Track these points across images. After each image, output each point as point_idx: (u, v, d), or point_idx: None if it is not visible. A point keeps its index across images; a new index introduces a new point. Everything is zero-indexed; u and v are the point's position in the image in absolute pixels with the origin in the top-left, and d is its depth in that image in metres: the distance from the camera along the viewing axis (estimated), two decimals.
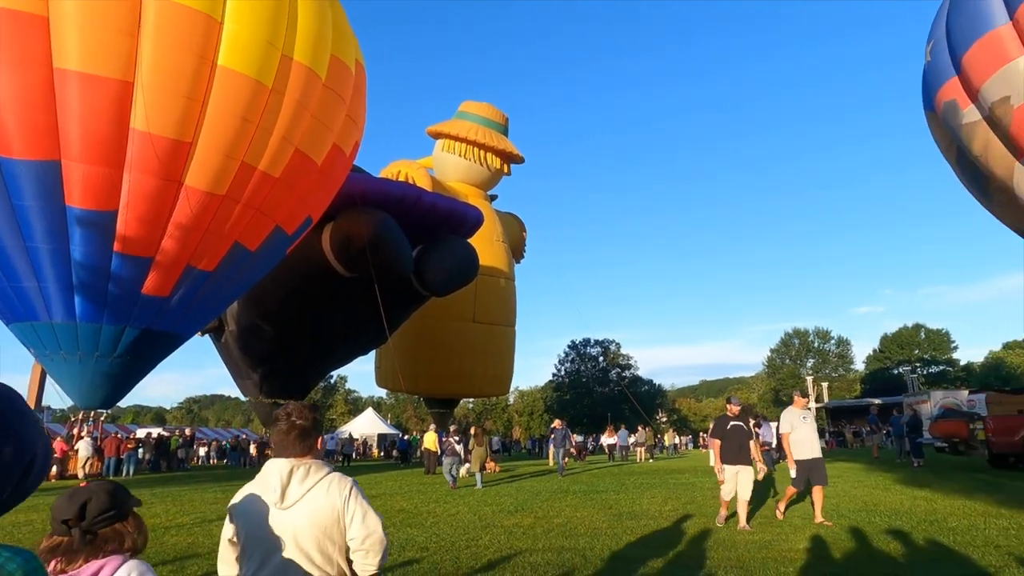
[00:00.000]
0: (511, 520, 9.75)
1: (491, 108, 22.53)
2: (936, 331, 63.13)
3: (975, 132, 15.25)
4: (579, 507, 11.14)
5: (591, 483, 16.23)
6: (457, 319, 20.01)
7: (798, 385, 58.10)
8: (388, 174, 18.99)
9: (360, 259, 11.26)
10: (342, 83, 7.32)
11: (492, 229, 21.34)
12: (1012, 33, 13.84)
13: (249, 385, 14.96)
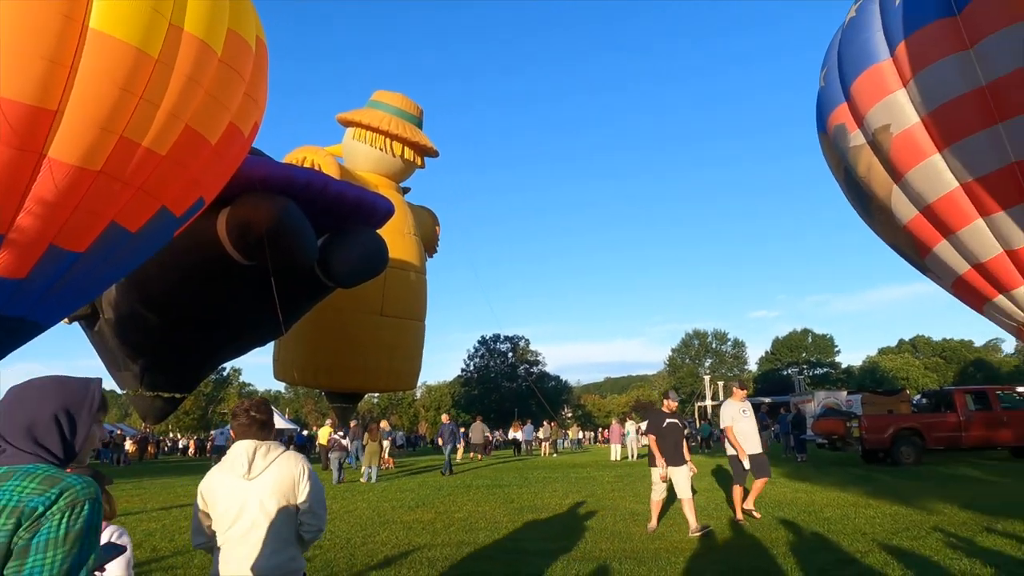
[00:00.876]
0: (411, 516, 9.69)
1: (405, 99, 22.11)
2: (822, 336, 68.50)
3: (860, 155, 16.84)
4: (481, 502, 11.22)
5: (495, 477, 16.40)
6: (364, 312, 19.52)
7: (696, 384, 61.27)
8: (293, 160, 18.19)
9: (259, 246, 10.72)
10: (240, 59, 6.91)
11: (404, 221, 20.98)
12: (892, 68, 15.44)
13: (128, 377, 13.89)
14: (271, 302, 11.03)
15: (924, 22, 14.49)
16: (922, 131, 15.21)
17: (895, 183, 16.44)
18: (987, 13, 13.49)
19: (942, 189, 15.57)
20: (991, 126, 14.04)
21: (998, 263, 15.83)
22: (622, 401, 79.92)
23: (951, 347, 69.48)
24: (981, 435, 15.95)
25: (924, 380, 59.96)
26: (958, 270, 16.87)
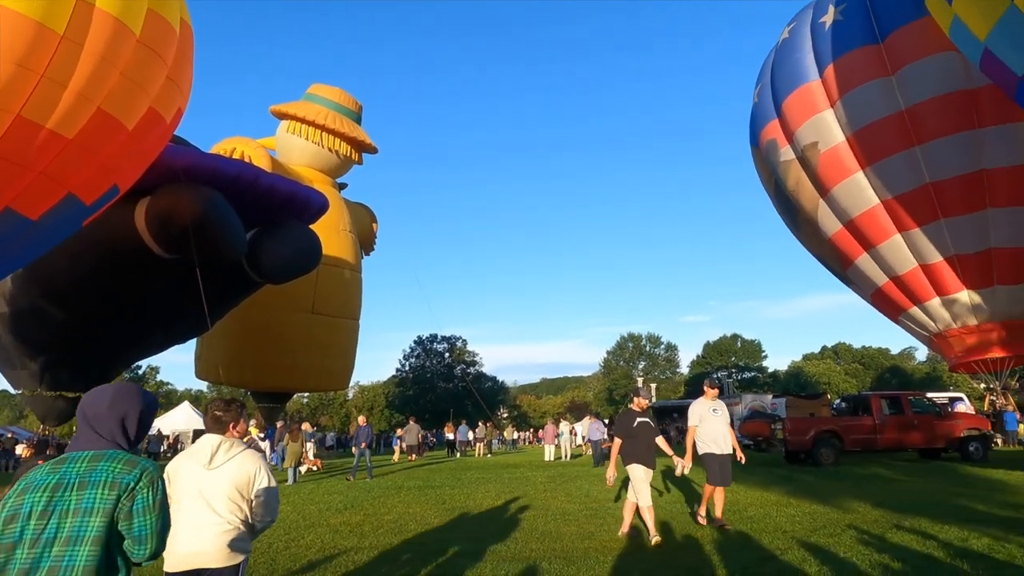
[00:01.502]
0: (338, 518, 9.50)
1: (344, 94, 21.65)
2: (751, 341, 71.37)
3: (790, 169, 17.86)
4: (412, 503, 11.13)
5: (427, 479, 16.30)
6: (294, 309, 18.98)
7: (629, 386, 62.68)
8: (221, 151, 17.46)
9: (182, 239, 10.23)
10: (162, 41, 6.56)
11: (339, 217, 20.54)
12: (821, 89, 16.50)
13: (23, 376, 12.92)
14: (193, 297, 10.56)
15: (850, 47, 15.49)
16: (847, 150, 16.22)
17: (821, 197, 17.46)
18: (908, 43, 14.52)
19: (864, 205, 16.59)
20: (909, 148, 15.11)
21: (913, 276, 16.99)
22: (557, 402, 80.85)
23: (869, 354, 73.80)
24: (894, 437, 16.96)
25: (844, 385, 63.35)
26: (877, 282, 18.00)
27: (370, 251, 23.53)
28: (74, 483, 1.97)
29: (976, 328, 16.82)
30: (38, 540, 1.88)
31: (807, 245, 20.44)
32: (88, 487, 1.97)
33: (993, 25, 10.31)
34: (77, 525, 1.91)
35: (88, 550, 1.89)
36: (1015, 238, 15.13)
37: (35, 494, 1.95)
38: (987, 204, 14.85)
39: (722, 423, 8.12)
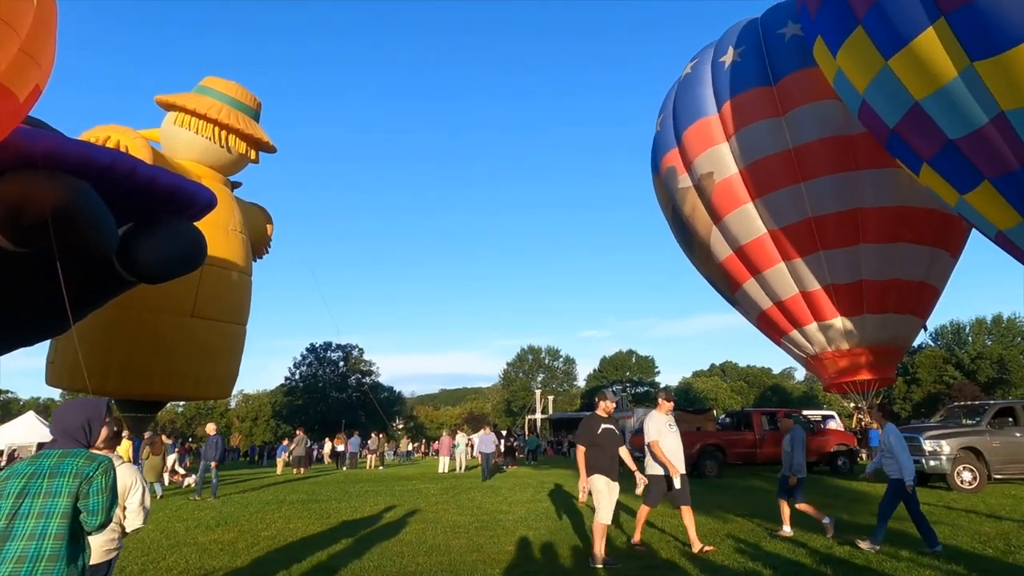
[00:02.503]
0: (208, 536, 9.03)
1: (241, 89, 20.69)
2: (645, 357, 74.68)
3: (686, 196, 19.21)
4: (293, 518, 10.76)
5: (312, 492, 15.78)
6: (171, 312, 17.82)
7: (528, 398, 63.62)
8: (92, 138, 16.10)
9: (36, 231, 9.28)
10: (13, 10, 6.02)
11: (228, 217, 19.57)
12: (718, 123, 17.96)
13: None
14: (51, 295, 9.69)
15: (746, 87, 16.95)
16: (739, 181, 17.64)
17: (714, 224, 18.84)
18: (797, 88, 16.10)
19: (753, 234, 18.00)
20: (795, 184, 16.63)
21: (794, 302, 18.52)
22: (455, 413, 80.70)
23: (753, 373, 79.20)
24: (773, 451, 18.27)
25: (730, 401, 67.58)
26: (762, 305, 19.47)
27: (263, 254, 22.60)
28: (46, 473, 2.73)
29: (847, 352, 18.54)
30: (15, 515, 2.62)
31: (700, 268, 21.85)
32: (57, 476, 2.72)
33: (870, 80, 11.59)
34: (49, 504, 2.66)
35: (57, 522, 2.64)
36: (882, 272, 16.91)
37: (15, 480, 2.71)
38: (860, 240, 16.53)
39: (677, 439, 7.74)
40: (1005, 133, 10.01)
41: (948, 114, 10.57)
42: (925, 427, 13.88)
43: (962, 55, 9.78)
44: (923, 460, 12.79)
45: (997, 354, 53.83)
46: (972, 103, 10.09)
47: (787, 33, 16.40)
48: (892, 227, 16.44)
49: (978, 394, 48.33)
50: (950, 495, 11.87)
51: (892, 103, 11.46)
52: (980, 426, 13.19)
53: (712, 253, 19.64)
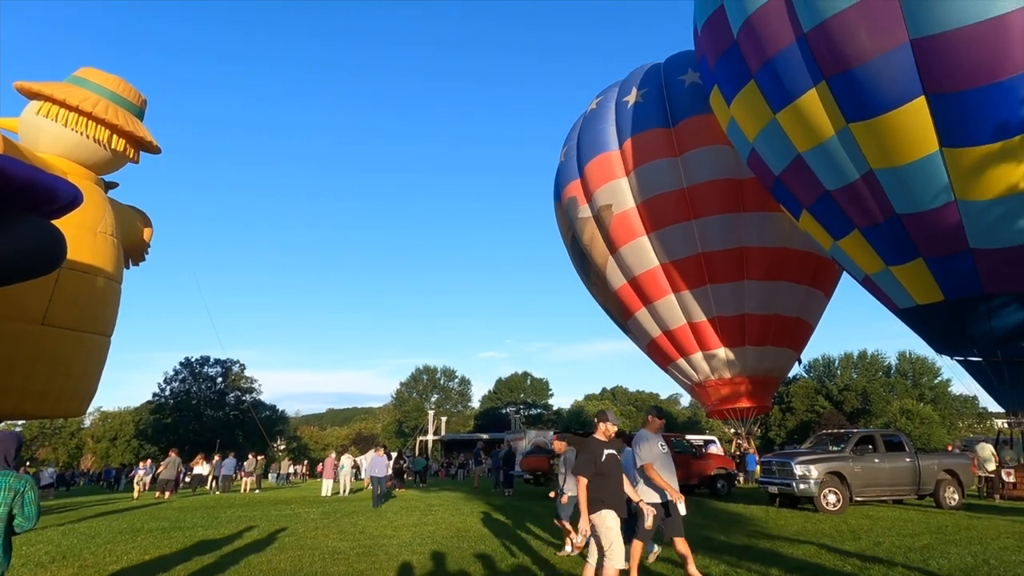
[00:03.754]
0: (38, 574, 8.20)
1: (124, 83, 19.23)
2: (539, 380, 76.02)
3: (586, 226, 20.24)
4: (151, 548, 9.99)
5: (176, 519, 14.66)
6: (17, 319, 16.16)
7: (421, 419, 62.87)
8: None
9: None
10: None
11: (97, 218, 18.05)
12: (619, 158, 19.20)
13: None
14: None
15: (647, 127, 18.15)
16: (636, 215, 18.72)
17: (611, 254, 19.88)
18: (694, 132, 17.42)
19: (646, 265, 19.09)
20: (687, 221, 17.87)
21: (682, 332, 19.66)
22: (343, 433, 78.25)
23: (642, 398, 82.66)
24: None
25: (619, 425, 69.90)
26: (652, 334, 20.53)
27: (140, 260, 21.01)
28: None
29: (729, 380, 19.85)
30: None
31: (596, 295, 22.80)
32: None
33: (759, 131, 12.72)
34: None
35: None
36: (763, 307, 18.33)
37: None
38: (744, 276, 17.92)
39: (669, 462, 7.11)
40: (873, 189, 11.26)
41: (826, 167, 11.76)
42: (796, 453, 15.01)
43: (839, 116, 10.95)
44: (794, 484, 13.80)
45: (861, 386, 59.29)
46: (846, 160, 11.29)
47: (687, 80, 17.76)
48: (774, 266, 17.94)
49: (844, 423, 52.85)
50: (817, 516, 12.88)
51: (778, 153, 12.62)
52: (844, 452, 14.41)
53: (608, 281, 20.60)
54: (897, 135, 10.43)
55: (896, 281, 12.46)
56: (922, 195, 10.76)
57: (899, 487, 14.34)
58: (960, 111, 9.72)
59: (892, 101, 10.19)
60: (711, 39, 13.30)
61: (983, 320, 11.63)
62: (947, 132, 10.03)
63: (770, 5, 11.20)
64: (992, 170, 9.93)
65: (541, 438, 32.48)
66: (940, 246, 11.20)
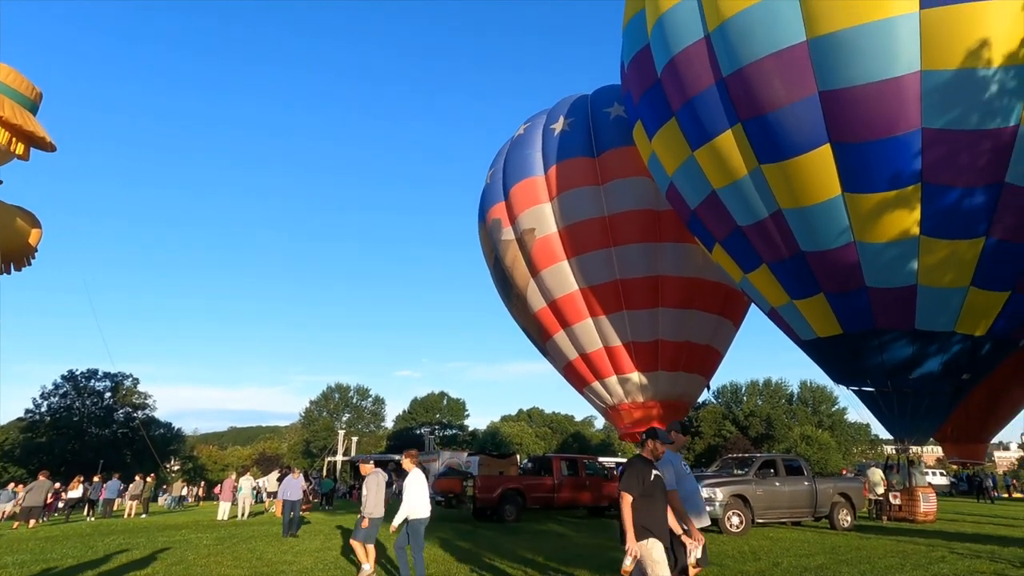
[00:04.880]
0: None
1: (16, 74, 18.01)
2: (456, 400, 75.58)
3: (508, 248, 20.65)
4: None
5: (40, 551, 13.09)
6: None
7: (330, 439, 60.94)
8: None
9: None
10: None
11: None
12: (544, 184, 19.84)
13: None
14: None
15: (572, 155, 18.85)
16: (558, 240, 19.28)
17: (532, 277, 20.33)
18: (616, 163, 18.21)
19: (566, 289, 19.60)
20: (606, 248, 18.54)
21: (597, 355, 20.19)
22: (245, 454, 74.82)
23: (557, 419, 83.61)
24: (569, 496, 19.38)
25: (534, 446, 70.37)
26: (569, 356, 20.98)
27: (23, 264, 19.49)
28: None
29: (642, 404, 20.51)
30: None
31: (516, 316, 23.14)
32: None
33: (678, 166, 13.43)
34: None
35: None
36: (676, 334, 19.12)
37: None
38: (659, 304, 18.67)
39: (693, 483, 6.52)
40: (781, 227, 12.07)
41: (738, 204, 12.51)
42: (703, 476, 15.64)
43: (752, 157, 11.72)
44: None
45: (766, 413, 62.58)
46: (757, 198, 12.07)
47: (612, 113, 18.59)
48: (687, 295, 18.80)
49: (749, 447, 55.51)
50: (720, 537, 13.44)
51: (694, 188, 13.33)
52: (748, 476, 15.16)
53: (528, 303, 20.98)
54: (804, 178, 11.25)
55: (799, 314, 13.32)
56: (825, 235, 11.62)
57: (798, 509, 15.22)
58: (860, 160, 10.63)
59: (800, 146, 11.01)
60: (636, 76, 13.95)
61: (876, 353, 12.61)
62: (848, 178, 10.92)
63: (692, 48, 11.90)
64: (887, 216, 10.87)
65: (455, 459, 32.34)
66: (840, 283, 12.10)
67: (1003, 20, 9.58)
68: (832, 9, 10.22)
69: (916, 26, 9.82)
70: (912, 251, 11.06)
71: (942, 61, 9.82)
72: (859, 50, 10.10)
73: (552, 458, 20.27)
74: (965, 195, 10.46)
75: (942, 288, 11.32)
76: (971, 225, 10.68)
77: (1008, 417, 23.84)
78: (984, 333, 11.95)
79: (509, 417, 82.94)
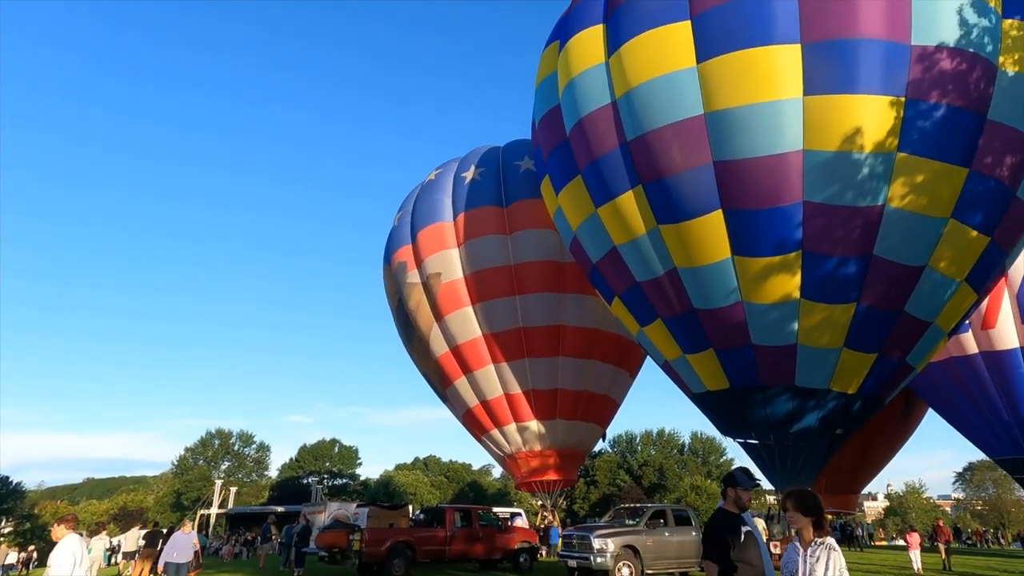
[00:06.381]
0: None
1: None
2: (348, 447, 72.86)
3: (413, 292, 20.85)
4: None
5: None
6: None
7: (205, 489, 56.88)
8: None
9: None
10: None
11: None
12: (452, 229, 20.41)
13: None
14: None
15: (481, 203, 19.58)
16: (463, 286, 19.71)
17: (436, 322, 20.52)
18: (524, 214, 19.06)
19: (470, 335, 19.89)
20: (511, 296, 19.13)
21: (497, 403, 20.41)
22: (101, 508, 68.04)
23: (455, 468, 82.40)
24: (462, 548, 19.05)
25: (429, 496, 68.85)
26: (469, 403, 21.07)
27: None
28: None
29: (539, 453, 20.80)
30: None
31: (417, 362, 23.05)
32: None
33: (582, 221, 14.13)
34: None
35: None
36: (575, 383, 19.74)
37: None
38: (560, 352, 19.32)
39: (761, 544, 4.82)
40: (675, 284, 12.86)
41: (637, 261, 13.25)
42: (595, 526, 15.93)
43: (651, 217, 12.52)
44: (591, 557, 14.51)
45: (659, 462, 64.63)
46: (654, 256, 12.84)
47: (522, 166, 19.54)
48: (587, 345, 19.53)
49: (642, 497, 56.93)
50: None
51: (597, 243, 14.02)
52: (639, 526, 15.57)
53: (430, 348, 21.00)
54: (697, 240, 12.11)
55: (691, 368, 14.10)
56: (715, 294, 12.47)
57: (685, 559, 15.78)
58: (748, 226, 11.59)
59: (695, 210, 11.88)
60: (546, 133, 14.66)
61: (760, 408, 13.50)
62: (737, 242, 11.85)
63: (599, 112, 12.69)
64: (771, 279, 11.84)
65: (343, 511, 31.08)
66: (728, 340, 12.94)
67: (873, 112, 10.89)
68: (727, 87, 11.28)
69: (800, 110, 11.00)
70: (793, 313, 12.05)
71: (822, 142, 11.00)
72: (749, 126, 11.16)
73: (445, 509, 19.94)
74: (840, 264, 11.59)
75: (819, 348, 12.36)
76: (845, 291, 11.80)
77: (876, 469, 26.00)
78: (855, 391, 13.08)
79: (404, 465, 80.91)
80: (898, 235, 11.35)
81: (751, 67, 11.21)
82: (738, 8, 11.39)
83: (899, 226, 11.28)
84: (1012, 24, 11.32)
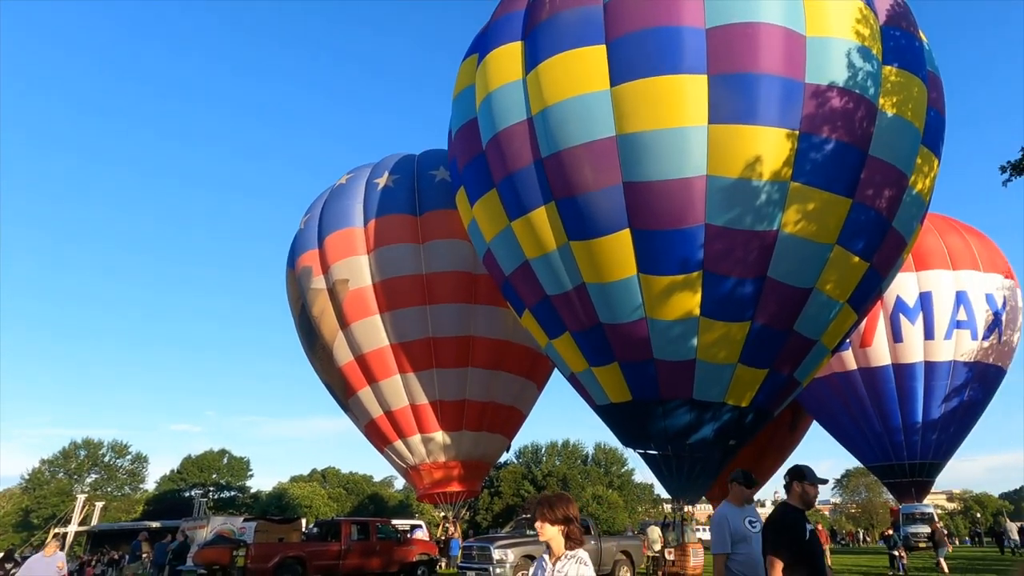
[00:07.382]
0: None
1: None
2: (239, 458, 69.72)
3: (318, 298, 20.47)
4: None
5: None
6: None
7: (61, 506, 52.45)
8: None
9: None
10: None
11: None
12: (362, 236, 20.24)
13: None
14: None
15: (394, 211, 19.54)
16: (372, 293, 19.57)
17: (341, 329, 20.25)
18: (438, 223, 19.22)
19: (376, 344, 19.76)
20: (421, 306, 19.17)
21: (402, 413, 20.37)
22: None
23: (354, 480, 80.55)
24: (357, 563, 18.80)
25: (326, 509, 66.93)
26: (372, 414, 20.90)
27: None
28: None
29: (443, 464, 20.90)
30: None
31: (318, 370, 22.60)
32: None
33: (495, 234, 14.45)
34: None
35: None
36: (483, 394, 20.02)
37: None
38: (469, 363, 19.53)
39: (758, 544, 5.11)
40: (583, 299, 13.40)
41: (547, 275, 13.71)
42: (497, 537, 16.16)
43: (562, 233, 13.01)
44: (490, 568, 14.69)
45: (563, 473, 65.98)
46: (564, 271, 13.35)
47: (437, 175, 19.67)
48: (496, 356, 19.85)
49: None
50: None
51: (509, 256, 14.38)
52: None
53: (334, 356, 20.67)
54: (605, 257, 12.68)
55: (596, 380, 14.69)
56: (621, 309, 13.09)
57: None
58: (653, 246, 12.28)
59: (604, 228, 12.46)
60: (462, 145, 14.89)
61: (659, 420, 14.25)
62: (643, 261, 12.50)
63: (516, 127, 13.07)
64: (674, 296, 12.57)
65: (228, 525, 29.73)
66: (632, 354, 13.60)
67: (771, 143, 11.83)
68: (637, 112, 11.94)
69: (704, 137, 11.79)
70: (693, 329, 12.85)
71: (724, 169, 11.83)
72: (658, 150, 11.85)
73: (341, 522, 19.65)
74: (737, 284, 12.47)
75: (716, 364, 13.22)
76: (741, 310, 12.69)
77: (766, 478, 27.85)
78: (748, 404, 14.06)
79: (300, 478, 78.32)
80: (790, 259, 12.35)
81: (660, 94, 11.92)
82: (650, 37, 12.09)
83: (791, 250, 12.28)
84: (891, 71, 12.64)
